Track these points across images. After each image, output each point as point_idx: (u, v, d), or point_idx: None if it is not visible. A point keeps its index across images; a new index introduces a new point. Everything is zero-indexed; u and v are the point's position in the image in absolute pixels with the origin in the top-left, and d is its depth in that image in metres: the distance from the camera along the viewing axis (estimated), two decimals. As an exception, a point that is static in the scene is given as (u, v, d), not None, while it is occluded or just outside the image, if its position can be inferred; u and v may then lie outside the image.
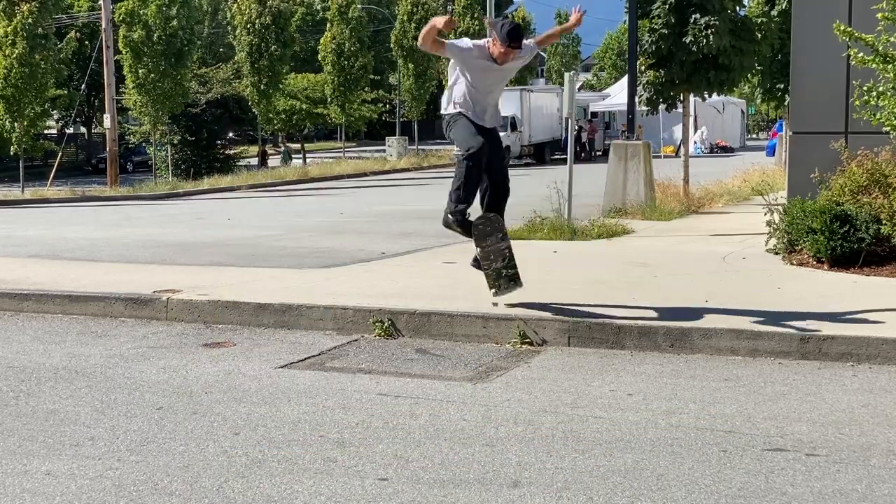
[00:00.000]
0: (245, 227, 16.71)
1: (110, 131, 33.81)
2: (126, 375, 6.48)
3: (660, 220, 15.01)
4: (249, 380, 6.32)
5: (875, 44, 8.48)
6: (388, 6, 61.77)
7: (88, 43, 46.34)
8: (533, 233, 12.85)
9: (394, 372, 6.47)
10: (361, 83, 44.01)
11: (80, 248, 13.37)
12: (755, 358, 6.65)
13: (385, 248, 12.07)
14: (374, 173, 37.41)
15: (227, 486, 4.42)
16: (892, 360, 6.44)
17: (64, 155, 39.23)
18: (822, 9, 10.49)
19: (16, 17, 30.13)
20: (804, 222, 9.68)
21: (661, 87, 17.28)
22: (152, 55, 32.96)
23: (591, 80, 72.04)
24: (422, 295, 8.28)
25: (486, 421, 5.36)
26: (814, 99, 10.91)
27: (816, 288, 8.56)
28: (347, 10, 43.35)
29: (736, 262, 10.19)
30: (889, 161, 9.84)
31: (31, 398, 5.92)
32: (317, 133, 64.61)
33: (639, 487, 4.33)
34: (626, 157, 16.53)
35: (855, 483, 4.36)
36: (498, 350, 7.07)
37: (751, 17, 19.23)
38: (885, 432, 5.05)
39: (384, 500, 4.24)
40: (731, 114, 53.57)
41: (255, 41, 40.55)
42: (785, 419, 5.29)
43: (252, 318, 8.03)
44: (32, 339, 7.74)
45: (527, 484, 4.39)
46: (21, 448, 4.97)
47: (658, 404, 5.61)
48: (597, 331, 7.07)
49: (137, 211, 22.94)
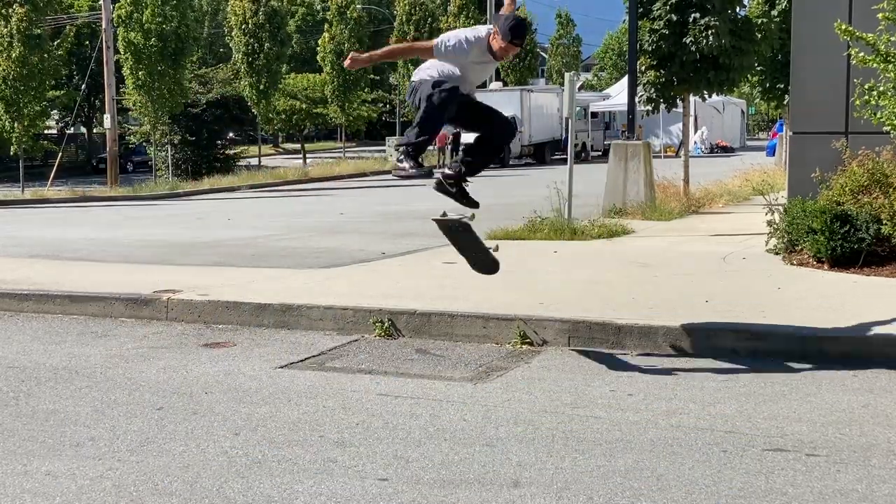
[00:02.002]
0: (245, 227, 16.71)
1: (110, 131, 33.81)
2: (126, 376, 6.48)
3: (660, 220, 15.00)
4: (249, 380, 6.32)
5: (876, 43, 8.47)
6: (388, 6, 61.75)
7: (88, 43, 46.35)
8: (533, 233, 12.85)
9: (394, 372, 6.47)
10: (361, 83, 44.01)
11: (80, 249, 13.37)
12: (755, 358, 6.65)
13: (385, 248, 12.06)
14: (375, 173, 37.39)
15: (227, 486, 4.42)
16: (892, 360, 6.43)
17: (64, 155, 39.21)
18: (823, 8, 10.49)
19: (12, 18, 30.18)
20: (804, 222, 9.68)
21: (661, 87, 17.27)
22: (150, 56, 32.97)
23: (592, 81, 72.05)
24: (422, 295, 8.28)
25: (486, 421, 5.35)
26: (814, 99, 10.90)
27: (817, 288, 8.56)
28: (347, 10, 43.36)
29: (736, 263, 10.18)
30: (890, 161, 9.83)
31: (31, 398, 5.92)
32: (317, 133, 64.59)
33: (639, 488, 4.33)
34: (626, 157, 16.53)
35: (855, 483, 4.35)
36: (498, 350, 7.06)
37: (751, 17, 19.22)
38: (886, 432, 5.05)
39: (384, 500, 4.24)
40: (731, 114, 53.56)
41: (251, 41, 40.56)
42: (785, 419, 5.29)
43: (252, 318, 8.03)
44: (32, 339, 7.73)
45: (527, 484, 4.39)
46: (21, 448, 4.97)
47: (658, 404, 5.61)
48: (597, 331, 7.06)
49: (137, 211, 22.94)
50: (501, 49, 6.46)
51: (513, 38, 6.40)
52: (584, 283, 9.05)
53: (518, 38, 6.47)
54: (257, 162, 45.64)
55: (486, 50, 6.50)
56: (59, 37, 34.86)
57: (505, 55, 6.59)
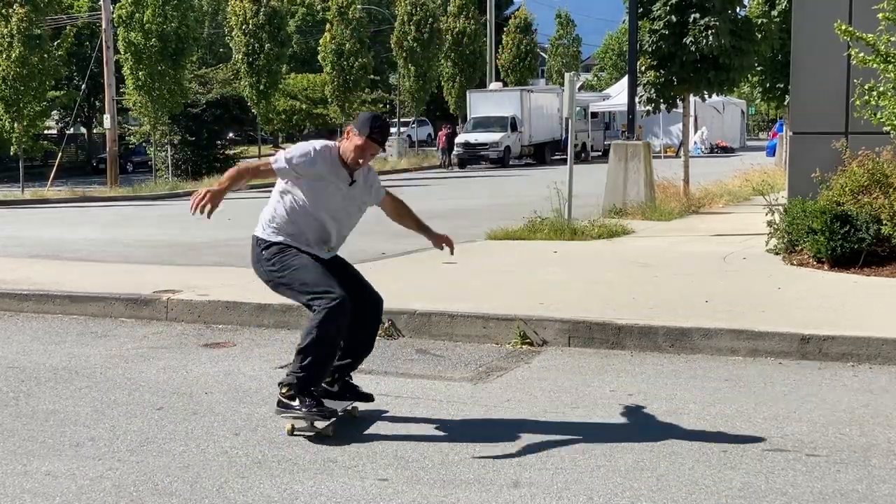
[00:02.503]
0: (245, 227, 16.59)
1: (110, 131, 33.79)
2: (126, 376, 6.47)
3: (660, 221, 15.00)
4: (249, 380, 6.32)
5: (876, 43, 8.48)
6: (388, 6, 61.70)
7: (88, 43, 46.34)
8: (533, 233, 12.85)
9: (394, 372, 6.47)
10: (361, 83, 43.99)
11: (79, 249, 13.36)
12: (755, 358, 6.65)
13: (385, 248, 12.05)
14: (375, 173, 37.34)
15: (227, 486, 4.42)
16: (892, 360, 6.44)
17: (64, 155, 39.18)
18: (823, 8, 10.49)
19: (12, 18, 30.19)
20: (804, 222, 9.68)
21: (661, 87, 17.27)
22: (150, 56, 32.96)
23: (592, 81, 72.02)
24: (422, 295, 8.28)
25: (486, 421, 5.35)
26: (814, 99, 10.90)
27: (817, 288, 8.55)
28: (347, 10, 43.33)
29: (736, 263, 10.18)
30: (890, 161, 9.83)
31: (31, 398, 5.92)
32: (317, 133, 64.57)
33: (639, 487, 4.33)
34: (626, 157, 16.53)
35: (855, 483, 4.35)
36: (498, 350, 7.06)
37: (751, 17, 19.22)
38: (886, 432, 5.05)
39: (384, 500, 4.24)
40: (731, 114, 53.51)
41: (251, 41, 40.57)
42: (785, 419, 5.29)
43: (252, 318, 8.03)
44: (32, 339, 7.73)
45: (527, 484, 4.39)
46: (21, 448, 4.97)
47: (658, 404, 5.61)
48: (597, 331, 7.06)
49: (137, 211, 22.93)
50: (357, 148, 5.06)
51: (372, 131, 5.05)
52: (584, 283, 9.05)
53: (378, 130, 5.09)
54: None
55: (336, 160, 5.14)
56: (59, 37, 34.83)
57: (358, 161, 5.11)
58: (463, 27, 47.69)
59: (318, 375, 5.10)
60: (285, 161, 5.14)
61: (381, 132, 5.15)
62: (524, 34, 53.86)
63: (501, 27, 54.19)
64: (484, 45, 47.88)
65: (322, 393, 5.22)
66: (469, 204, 20.75)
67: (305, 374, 5.02)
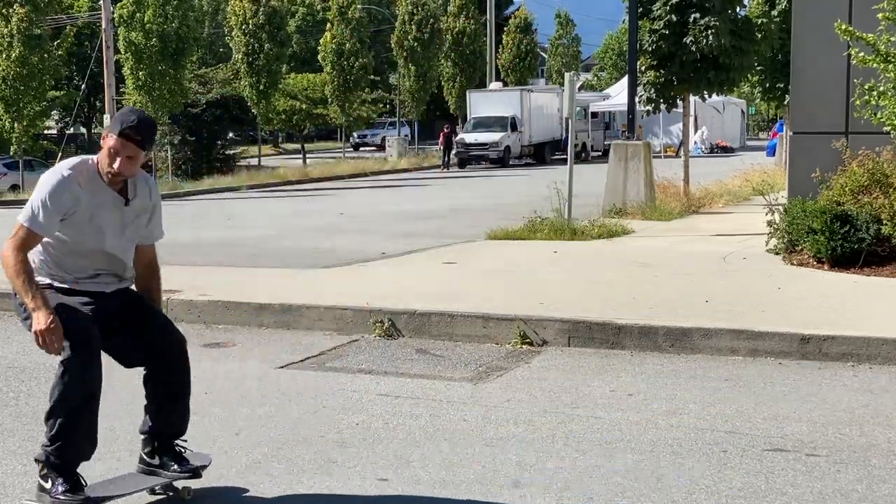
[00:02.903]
0: (245, 227, 16.70)
1: (110, 131, 33.79)
2: (126, 376, 6.46)
3: (660, 220, 15.00)
4: (249, 380, 6.32)
5: (876, 43, 8.48)
6: (388, 6, 61.72)
7: (88, 43, 46.35)
8: (533, 233, 12.85)
9: (394, 372, 6.47)
10: (361, 83, 43.99)
11: (80, 249, 13.34)
12: (755, 358, 6.65)
13: (385, 248, 12.06)
14: (375, 173, 37.38)
15: (227, 485, 4.42)
16: (892, 360, 6.44)
17: (64, 155, 39.16)
18: (823, 8, 10.49)
19: (12, 18, 30.20)
20: (804, 222, 9.68)
21: (661, 87, 17.27)
22: (150, 56, 32.98)
23: (592, 81, 72.03)
24: (422, 295, 8.28)
25: (486, 421, 5.35)
26: (814, 99, 10.90)
27: (817, 288, 8.55)
28: (348, 10, 43.33)
29: (736, 263, 10.18)
30: (890, 161, 9.83)
31: (31, 398, 5.92)
32: (317, 133, 64.55)
33: (639, 488, 4.33)
34: (626, 157, 16.53)
35: (855, 483, 4.35)
36: (498, 350, 7.06)
37: (751, 17, 19.22)
38: (886, 432, 5.05)
39: (384, 500, 4.24)
40: (731, 114, 53.52)
41: (251, 41, 40.57)
42: (785, 419, 5.29)
43: (252, 318, 8.03)
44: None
45: (527, 484, 4.39)
46: (21, 448, 4.97)
47: (658, 404, 5.61)
48: (597, 331, 7.07)
49: (137, 211, 22.89)
50: (111, 149, 4.10)
51: (124, 127, 4.07)
52: (584, 283, 9.05)
53: (132, 126, 4.08)
54: (257, 162, 45.58)
55: (94, 174, 4.21)
56: (59, 37, 34.85)
57: (112, 165, 4.13)
58: (463, 27, 47.69)
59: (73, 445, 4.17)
60: (32, 211, 4.40)
61: (137, 128, 4.09)
62: (524, 34, 53.85)
63: (501, 27, 54.18)
64: (484, 45, 47.88)
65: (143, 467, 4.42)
66: (469, 204, 20.75)
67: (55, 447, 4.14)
